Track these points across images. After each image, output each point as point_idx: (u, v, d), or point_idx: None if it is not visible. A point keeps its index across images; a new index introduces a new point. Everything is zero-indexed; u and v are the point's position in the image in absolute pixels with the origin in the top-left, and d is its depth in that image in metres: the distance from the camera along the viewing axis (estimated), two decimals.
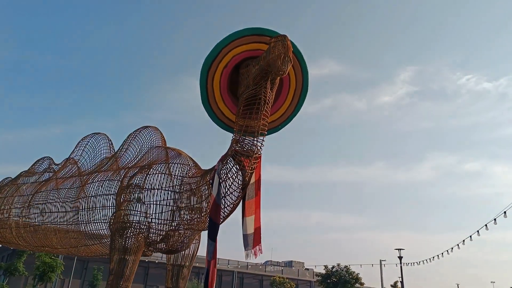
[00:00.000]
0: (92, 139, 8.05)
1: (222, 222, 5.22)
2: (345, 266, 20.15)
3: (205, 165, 6.60)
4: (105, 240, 6.27)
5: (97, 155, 7.87)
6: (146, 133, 7.28)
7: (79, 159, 8.03)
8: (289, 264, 70.18)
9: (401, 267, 21.29)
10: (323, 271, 27.92)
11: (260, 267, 66.64)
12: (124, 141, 7.39)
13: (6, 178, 9.52)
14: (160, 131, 7.34)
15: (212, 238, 4.94)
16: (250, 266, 58.19)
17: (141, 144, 7.14)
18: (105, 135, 8.02)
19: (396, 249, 22.18)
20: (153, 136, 7.24)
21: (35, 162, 8.77)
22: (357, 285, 19.85)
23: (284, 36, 4.75)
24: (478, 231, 20.94)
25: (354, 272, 19.92)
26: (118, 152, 7.29)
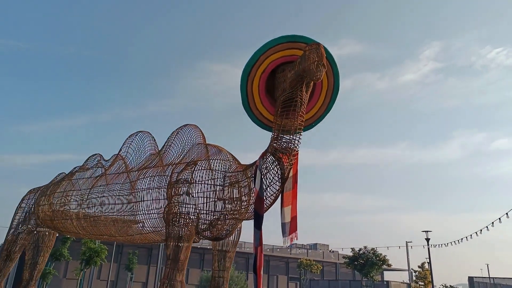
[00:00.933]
0: (137, 137, 8.79)
1: (265, 212, 5.83)
2: (372, 249, 20.60)
3: (227, 148, 7.31)
4: (158, 229, 7.03)
5: (142, 152, 8.61)
6: (187, 131, 7.93)
7: (126, 155, 8.80)
8: (314, 246, 71.10)
9: (428, 249, 21.53)
10: (350, 254, 28.53)
11: (288, 250, 67.88)
12: (168, 138, 8.07)
13: (60, 174, 10.49)
14: (200, 129, 7.96)
15: (258, 227, 5.58)
16: (276, 249, 59.56)
17: (183, 142, 7.80)
18: (149, 133, 8.74)
19: (424, 231, 22.36)
20: (194, 134, 7.87)
21: (88, 159, 9.66)
22: (384, 266, 20.30)
23: (318, 44, 5.21)
24: (507, 214, 20.84)
25: (381, 254, 20.35)
26: (162, 149, 7.98)
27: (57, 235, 10.60)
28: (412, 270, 27.63)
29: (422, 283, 25.15)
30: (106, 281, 46.74)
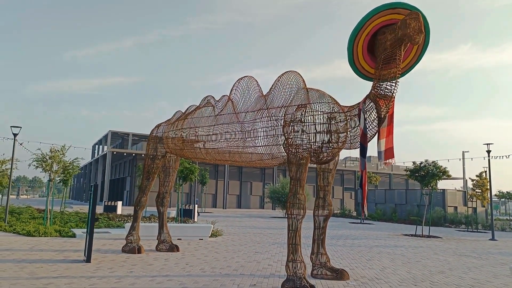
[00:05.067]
0: (243, 81, 10.71)
1: (367, 143, 7.74)
2: (433, 161, 22.19)
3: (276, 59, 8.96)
4: (275, 156, 9.31)
5: (248, 94, 10.60)
6: (289, 76, 9.64)
7: (233, 97, 10.88)
8: (368, 159, 73.69)
9: (489, 160, 22.70)
10: (404, 165, 30.24)
11: (343, 164, 71.40)
12: (273, 84, 9.92)
13: (177, 112, 13.02)
14: (300, 74, 9.67)
15: (363, 156, 7.58)
16: None
17: (288, 87, 9.58)
18: (253, 77, 10.60)
19: (485, 144, 23.26)
20: (295, 79, 9.59)
21: (202, 99, 11.95)
22: (444, 177, 21.99)
23: (418, 14, 6.45)
24: None
25: (441, 166, 21.93)
26: (269, 93, 9.89)
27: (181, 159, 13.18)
28: (469, 179, 29.21)
29: (480, 191, 26.84)
30: (184, 193, 54.10)
